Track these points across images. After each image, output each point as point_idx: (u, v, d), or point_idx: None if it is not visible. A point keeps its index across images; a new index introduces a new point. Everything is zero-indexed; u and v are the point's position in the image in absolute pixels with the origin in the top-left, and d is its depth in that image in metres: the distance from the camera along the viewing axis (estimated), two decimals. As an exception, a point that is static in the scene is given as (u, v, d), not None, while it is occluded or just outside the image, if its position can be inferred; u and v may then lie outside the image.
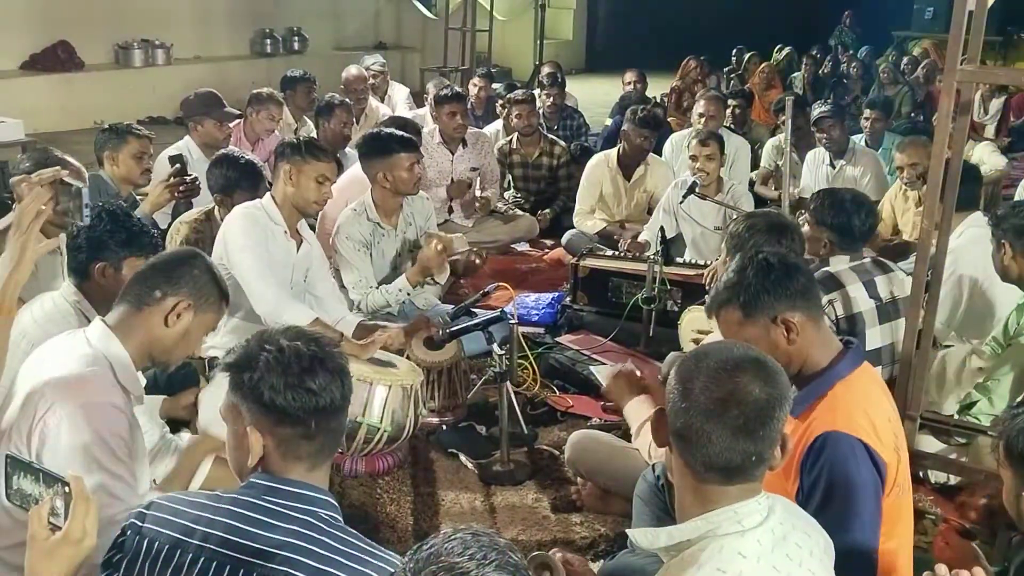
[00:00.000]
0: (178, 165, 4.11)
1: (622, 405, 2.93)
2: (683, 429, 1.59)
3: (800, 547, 1.57)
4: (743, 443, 1.56)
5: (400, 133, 4.19)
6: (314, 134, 5.52)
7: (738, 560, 1.50)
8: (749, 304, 2.14)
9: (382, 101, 7.44)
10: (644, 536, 1.64)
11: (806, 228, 3.40)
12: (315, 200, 3.55)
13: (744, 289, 2.15)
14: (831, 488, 1.96)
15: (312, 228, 4.03)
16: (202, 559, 1.52)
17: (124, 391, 2.12)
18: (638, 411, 2.86)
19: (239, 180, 3.83)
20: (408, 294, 4.06)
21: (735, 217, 3.27)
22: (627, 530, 1.74)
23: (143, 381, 2.26)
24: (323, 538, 1.54)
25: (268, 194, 3.60)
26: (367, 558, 1.53)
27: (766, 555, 1.52)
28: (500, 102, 7.03)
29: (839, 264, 3.39)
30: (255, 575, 1.50)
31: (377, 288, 4.02)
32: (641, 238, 5.15)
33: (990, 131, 8.57)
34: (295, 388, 1.60)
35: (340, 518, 1.60)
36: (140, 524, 1.59)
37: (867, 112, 6.75)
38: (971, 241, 3.80)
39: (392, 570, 1.46)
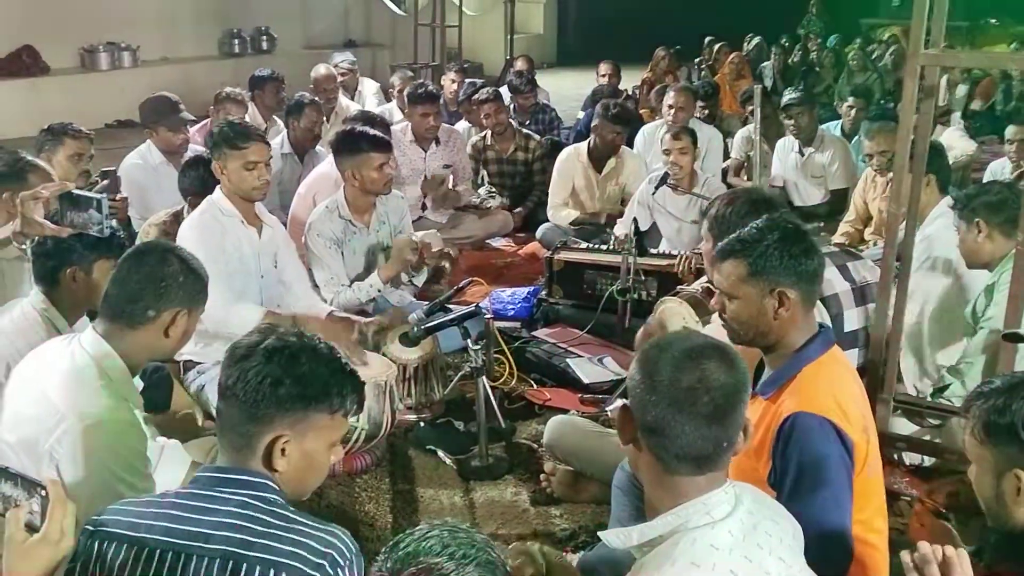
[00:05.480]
0: (106, 181, 3.88)
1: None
2: (653, 422, 1.58)
3: (770, 535, 1.58)
4: (715, 430, 1.57)
5: (373, 132, 4.14)
6: (284, 134, 5.48)
7: (711, 552, 1.51)
8: (758, 264, 2.13)
9: (353, 98, 7.40)
10: (617, 537, 1.64)
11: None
12: (253, 187, 3.46)
13: (762, 249, 2.14)
14: (802, 466, 1.99)
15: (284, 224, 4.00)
16: (146, 549, 1.57)
17: (125, 401, 2.12)
18: None
19: (215, 182, 3.77)
20: (379, 291, 4.04)
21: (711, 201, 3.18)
22: (599, 532, 1.74)
23: (139, 385, 2.25)
24: (260, 515, 1.59)
25: (217, 188, 3.54)
26: (308, 531, 1.57)
27: (738, 545, 1.53)
28: (466, 99, 6.93)
29: None
30: (195, 557, 1.54)
31: (349, 286, 4.00)
32: (618, 232, 5.15)
33: (956, 117, 8.60)
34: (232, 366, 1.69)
35: (282, 500, 1.64)
36: (92, 529, 1.63)
37: (850, 100, 6.76)
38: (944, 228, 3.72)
39: (337, 543, 1.55)
